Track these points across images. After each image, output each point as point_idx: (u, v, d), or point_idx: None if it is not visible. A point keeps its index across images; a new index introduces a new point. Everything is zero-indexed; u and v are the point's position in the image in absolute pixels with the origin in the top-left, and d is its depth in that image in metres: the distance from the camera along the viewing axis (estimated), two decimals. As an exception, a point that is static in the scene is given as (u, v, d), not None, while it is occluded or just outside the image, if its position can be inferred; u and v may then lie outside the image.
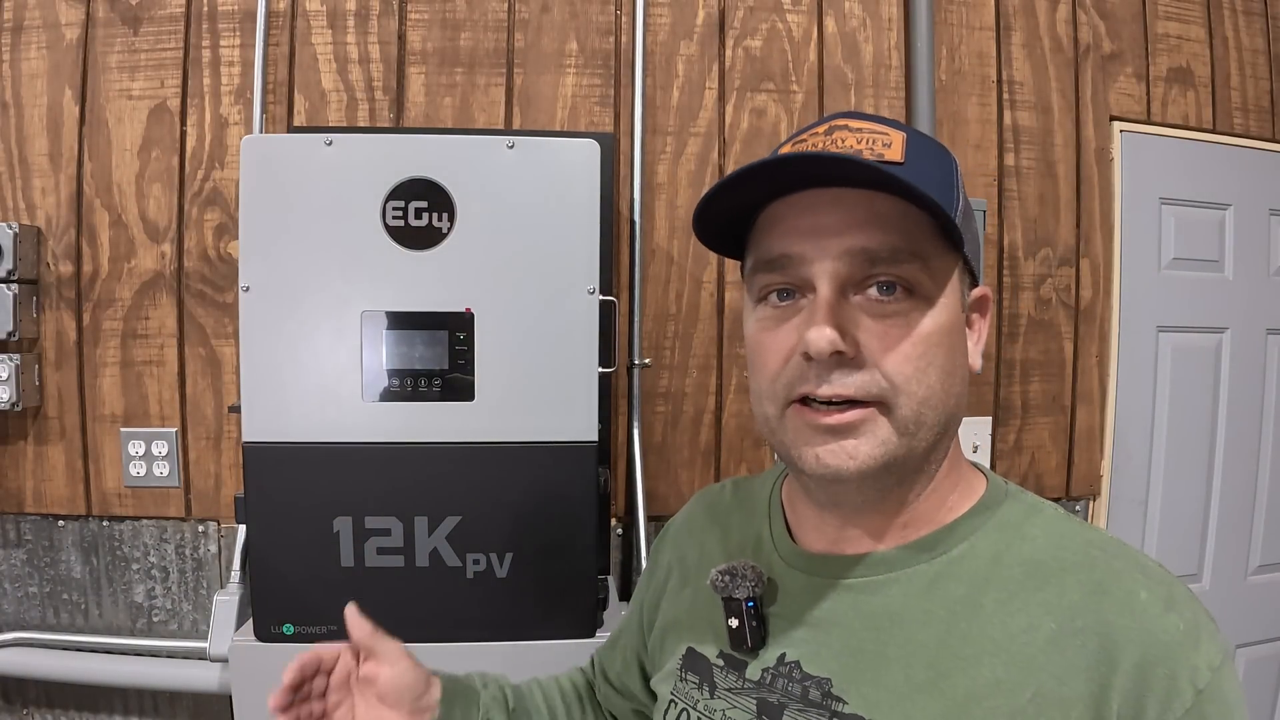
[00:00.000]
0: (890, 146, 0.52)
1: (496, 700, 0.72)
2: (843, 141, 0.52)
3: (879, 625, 0.54)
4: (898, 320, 0.51)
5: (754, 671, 0.58)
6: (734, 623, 0.58)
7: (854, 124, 0.54)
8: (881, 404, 0.50)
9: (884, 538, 0.56)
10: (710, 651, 0.61)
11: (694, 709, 0.60)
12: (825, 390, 0.50)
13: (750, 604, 0.58)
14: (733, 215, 0.56)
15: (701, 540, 0.69)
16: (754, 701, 0.57)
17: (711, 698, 0.60)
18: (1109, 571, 0.51)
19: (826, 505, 0.57)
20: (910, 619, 0.53)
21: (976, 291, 0.57)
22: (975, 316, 0.57)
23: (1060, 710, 0.47)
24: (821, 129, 0.54)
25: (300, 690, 0.64)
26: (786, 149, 0.55)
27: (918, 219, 0.51)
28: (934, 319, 0.51)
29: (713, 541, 0.68)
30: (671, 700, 0.63)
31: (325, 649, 0.65)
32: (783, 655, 0.57)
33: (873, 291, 0.51)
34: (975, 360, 0.56)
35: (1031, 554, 0.53)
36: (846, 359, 0.50)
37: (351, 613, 0.66)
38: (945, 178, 0.53)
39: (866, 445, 0.50)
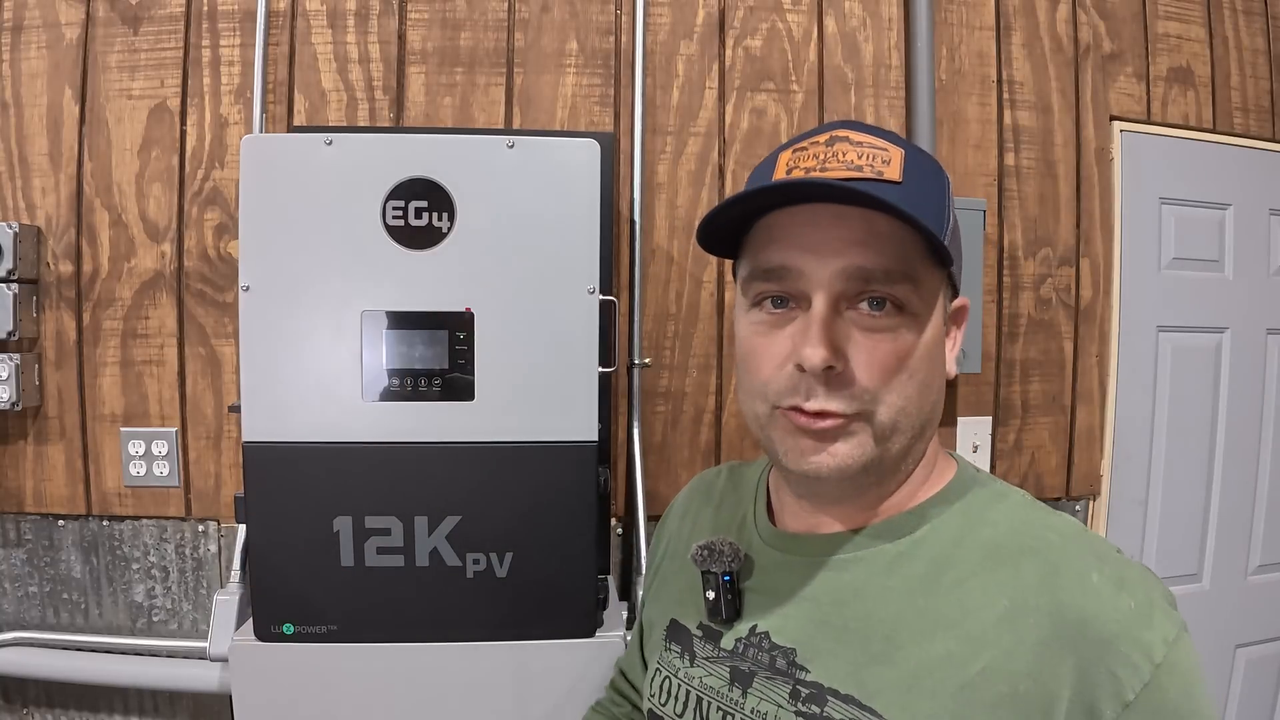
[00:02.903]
0: (889, 164, 0.53)
1: None
2: (843, 154, 0.54)
3: (842, 600, 0.57)
4: (885, 336, 0.53)
5: (728, 641, 0.62)
6: (711, 595, 0.62)
7: (855, 136, 0.55)
8: (863, 414, 0.54)
9: (853, 523, 0.59)
10: (691, 623, 0.65)
11: (675, 676, 0.65)
12: (813, 405, 0.53)
13: (726, 578, 0.62)
14: (734, 223, 0.59)
15: (695, 518, 0.73)
16: (728, 669, 0.61)
17: (691, 666, 0.64)
18: (1063, 555, 0.53)
19: (804, 496, 0.61)
20: (871, 595, 0.56)
21: (957, 302, 0.60)
22: (953, 326, 0.61)
23: (1008, 684, 0.49)
24: (822, 138, 0.56)
25: None
26: (786, 155, 0.57)
27: (912, 240, 0.53)
28: (920, 336, 0.54)
29: (705, 519, 0.72)
30: (658, 668, 0.68)
31: None
32: (754, 626, 0.61)
33: (864, 306, 0.53)
34: (951, 367, 0.59)
35: (991, 537, 0.55)
36: (835, 374, 0.53)
37: None
38: (939, 198, 0.55)
39: (846, 447, 0.54)
